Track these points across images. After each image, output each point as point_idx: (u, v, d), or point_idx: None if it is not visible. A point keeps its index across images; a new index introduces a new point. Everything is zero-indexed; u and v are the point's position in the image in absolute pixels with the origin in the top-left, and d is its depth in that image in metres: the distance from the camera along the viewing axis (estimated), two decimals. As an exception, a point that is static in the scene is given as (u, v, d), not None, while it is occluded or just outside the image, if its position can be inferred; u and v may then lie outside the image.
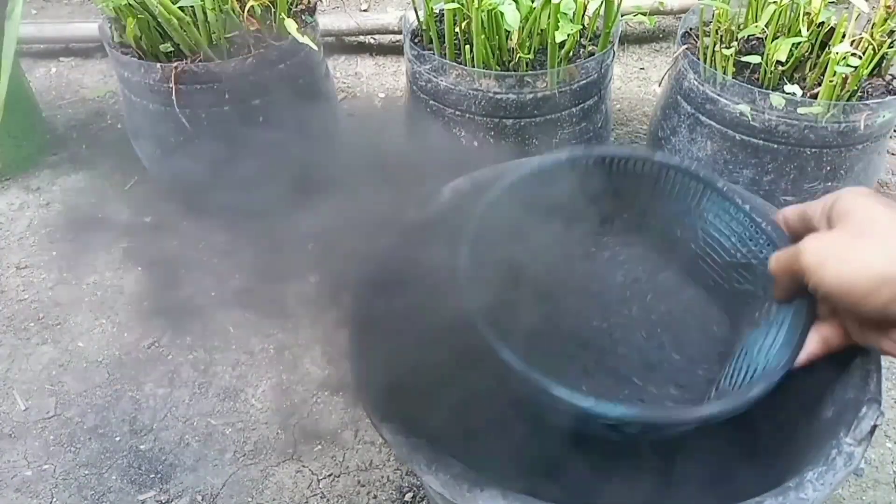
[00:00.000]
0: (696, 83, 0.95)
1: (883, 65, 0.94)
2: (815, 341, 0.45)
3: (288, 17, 0.99)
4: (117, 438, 0.85)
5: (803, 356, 0.44)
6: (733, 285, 0.54)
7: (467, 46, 0.93)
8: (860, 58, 0.85)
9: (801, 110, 0.87)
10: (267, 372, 0.92)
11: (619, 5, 0.96)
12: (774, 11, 0.90)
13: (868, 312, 0.39)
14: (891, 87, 0.93)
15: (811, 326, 0.45)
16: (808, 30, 0.90)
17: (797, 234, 0.46)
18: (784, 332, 0.46)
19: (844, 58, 0.84)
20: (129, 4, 0.92)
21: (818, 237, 0.42)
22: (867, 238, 0.39)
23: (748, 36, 0.97)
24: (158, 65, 0.95)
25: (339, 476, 0.80)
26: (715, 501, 0.51)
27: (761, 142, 0.92)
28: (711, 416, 0.42)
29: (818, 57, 0.93)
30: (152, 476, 0.81)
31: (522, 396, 0.47)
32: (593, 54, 0.98)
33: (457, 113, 0.97)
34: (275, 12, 1.01)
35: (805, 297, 0.45)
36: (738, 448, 0.54)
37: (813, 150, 0.91)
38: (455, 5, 0.89)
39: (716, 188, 0.53)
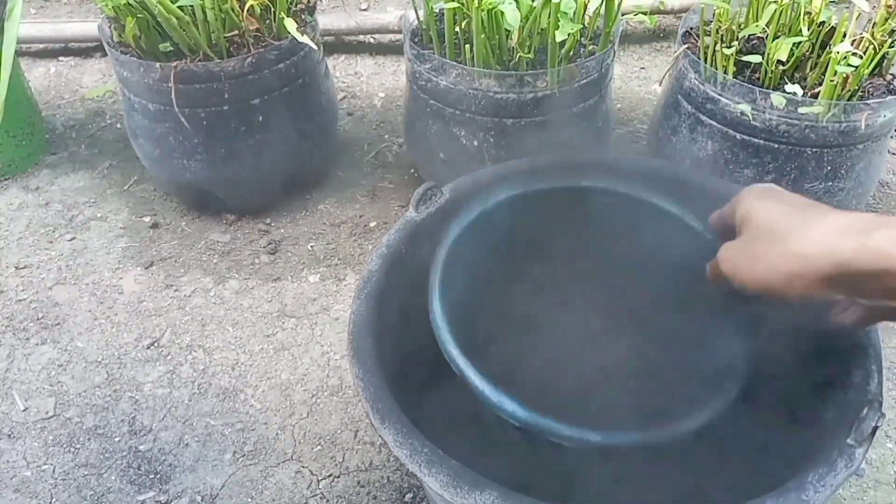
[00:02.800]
0: (696, 83, 0.95)
1: (884, 64, 0.93)
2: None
3: (287, 16, 0.99)
4: (116, 439, 0.84)
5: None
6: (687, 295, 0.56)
7: (467, 46, 0.93)
8: (861, 57, 0.85)
9: (801, 110, 0.87)
10: (267, 372, 0.92)
11: (619, 5, 0.96)
12: (775, 11, 0.90)
13: (790, 302, 0.41)
14: (892, 86, 0.93)
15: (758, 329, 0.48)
16: (808, 29, 0.90)
17: (723, 237, 0.48)
18: (735, 342, 0.49)
19: (845, 57, 0.84)
20: (129, 4, 0.91)
21: (728, 246, 0.45)
22: (767, 241, 0.41)
23: (749, 35, 0.97)
24: (158, 64, 0.95)
25: (338, 476, 0.80)
26: (715, 500, 0.51)
27: (762, 141, 0.91)
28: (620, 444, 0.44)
29: (819, 56, 0.93)
30: (152, 476, 0.81)
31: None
32: (594, 54, 0.98)
33: (457, 112, 0.97)
34: (274, 12, 1.01)
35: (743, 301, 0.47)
36: (738, 448, 0.54)
37: (814, 149, 0.91)
38: (455, 4, 0.89)
39: (649, 202, 0.55)
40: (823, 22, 0.93)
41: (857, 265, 0.37)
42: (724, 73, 0.92)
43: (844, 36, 0.88)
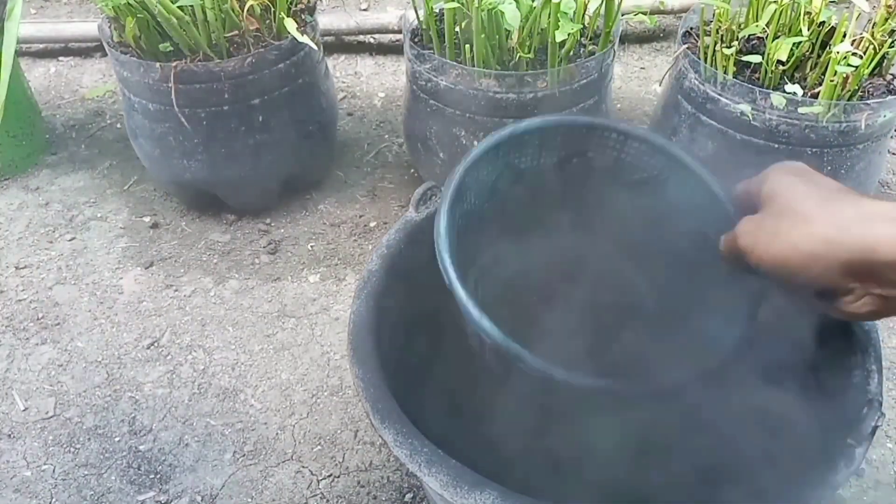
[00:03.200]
0: (696, 83, 0.95)
1: (884, 64, 0.93)
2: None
3: (287, 16, 0.99)
4: (117, 439, 0.84)
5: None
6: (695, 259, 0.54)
7: (467, 46, 0.93)
8: (861, 57, 0.85)
9: (801, 110, 0.87)
10: (267, 372, 0.92)
11: (619, 5, 0.96)
12: (775, 11, 0.90)
13: (803, 285, 0.41)
14: (891, 86, 0.93)
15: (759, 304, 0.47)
16: (808, 29, 0.90)
17: (745, 210, 0.47)
18: (735, 313, 0.48)
19: (845, 57, 0.84)
20: (129, 4, 0.91)
21: (750, 220, 0.44)
22: (791, 219, 0.40)
23: (749, 35, 0.97)
24: (158, 64, 0.95)
25: (338, 476, 0.80)
26: (716, 500, 0.51)
27: (762, 141, 0.91)
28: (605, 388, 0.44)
29: (819, 56, 0.93)
30: (152, 476, 0.81)
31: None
32: (594, 54, 0.98)
33: (457, 112, 0.97)
34: (274, 12, 1.01)
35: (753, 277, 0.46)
36: (738, 448, 0.54)
37: (814, 149, 0.91)
38: (455, 4, 0.89)
39: (682, 162, 0.53)
40: (823, 22, 0.93)
41: (884, 253, 0.36)
42: (724, 73, 0.92)
43: (844, 36, 0.88)
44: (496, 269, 0.62)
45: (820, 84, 0.89)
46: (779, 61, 0.90)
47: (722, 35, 0.95)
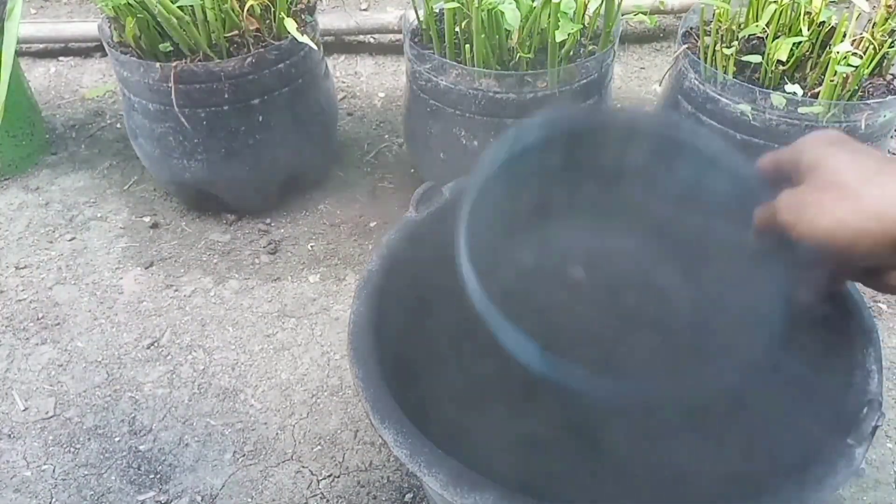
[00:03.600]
0: (696, 83, 0.95)
1: (884, 64, 0.93)
2: (804, 290, 0.45)
3: (287, 16, 0.99)
4: (117, 439, 0.84)
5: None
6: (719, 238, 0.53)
7: (467, 46, 0.93)
8: (861, 57, 0.85)
9: (801, 110, 0.87)
10: (267, 372, 0.92)
11: (619, 5, 0.96)
12: (775, 11, 0.90)
13: (850, 262, 0.39)
14: (892, 86, 0.93)
15: (795, 283, 0.45)
16: (808, 29, 0.90)
17: (776, 182, 0.45)
18: (770, 294, 0.45)
19: (845, 57, 0.84)
20: (129, 4, 0.91)
21: (791, 193, 0.41)
22: (836, 192, 0.38)
23: (749, 35, 0.97)
24: (158, 64, 0.95)
25: (338, 476, 0.80)
26: (716, 500, 0.50)
27: (762, 141, 0.91)
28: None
29: (819, 56, 0.93)
30: (152, 476, 0.81)
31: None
32: (594, 54, 0.98)
33: (457, 112, 0.97)
34: (274, 12, 1.01)
35: (788, 253, 0.44)
36: (738, 448, 0.54)
37: (813, 149, 0.91)
38: (455, 4, 0.89)
39: (694, 144, 0.51)
40: (823, 22, 0.93)
41: None
42: (724, 73, 0.92)
43: (844, 36, 0.88)
44: (515, 263, 0.60)
45: (820, 84, 0.89)
46: (779, 61, 0.90)
47: (722, 35, 0.95)
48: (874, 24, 0.90)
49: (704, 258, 0.55)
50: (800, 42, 0.90)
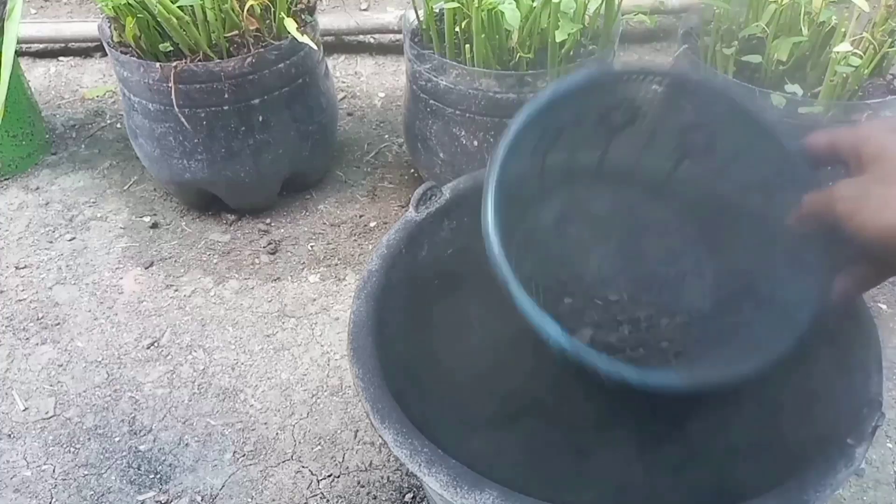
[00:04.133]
0: (696, 83, 0.95)
1: (884, 64, 0.93)
2: (838, 288, 0.42)
3: (287, 16, 0.99)
4: (117, 439, 0.84)
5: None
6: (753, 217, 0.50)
7: (467, 46, 0.93)
8: (861, 57, 0.85)
9: (801, 110, 0.87)
10: (267, 372, 0.92)
11: (619, 5, 0.96)
12: (775, 11, 0.90)
13: None
14: (892, 86, 0.93)
15: (833, 276, 0.42)
16: (808, 29, 0.90)
17: (825, 164, 0.42)
18: (807, 286, 0.43)
19: (845, 57, 0.84)
20: (129, 4, 0.91)
21: (853, 183, 0.38)
22: None
23: (749, 35, 0.97)
24: (158, 64, 0.95)
25: (338, 476, 0.80)
26: (716, 500, 0.50)
27: (762, 141, 0.91)
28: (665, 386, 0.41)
29: (819, 56, 0.93)
30: (152, 476, 0.81)
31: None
32: (594, 54, 0.98)
33: (457, 112, 0.97)
34: (274, 12, 1.01)
35: (833, 244, 0.41)
36: (738, 448, 0.54)
37: (814, 149, 0.91)
38: (455, 4, 0.89)
39: (741, 108, 0.46)
40: (823, 22, 0.92)
41: None
42: (725, 73, 0.92)
43: (844, 36, 0.88)
44: (542, 237, 0.57)
45: (820, 84, 0.89)
46: (779, 61, 0.90)
47: (722, 35, 0.95)
48: (874, 24, 0.90)
49: (737, 236, 0.52)
50: (800, 42, 0.90)
